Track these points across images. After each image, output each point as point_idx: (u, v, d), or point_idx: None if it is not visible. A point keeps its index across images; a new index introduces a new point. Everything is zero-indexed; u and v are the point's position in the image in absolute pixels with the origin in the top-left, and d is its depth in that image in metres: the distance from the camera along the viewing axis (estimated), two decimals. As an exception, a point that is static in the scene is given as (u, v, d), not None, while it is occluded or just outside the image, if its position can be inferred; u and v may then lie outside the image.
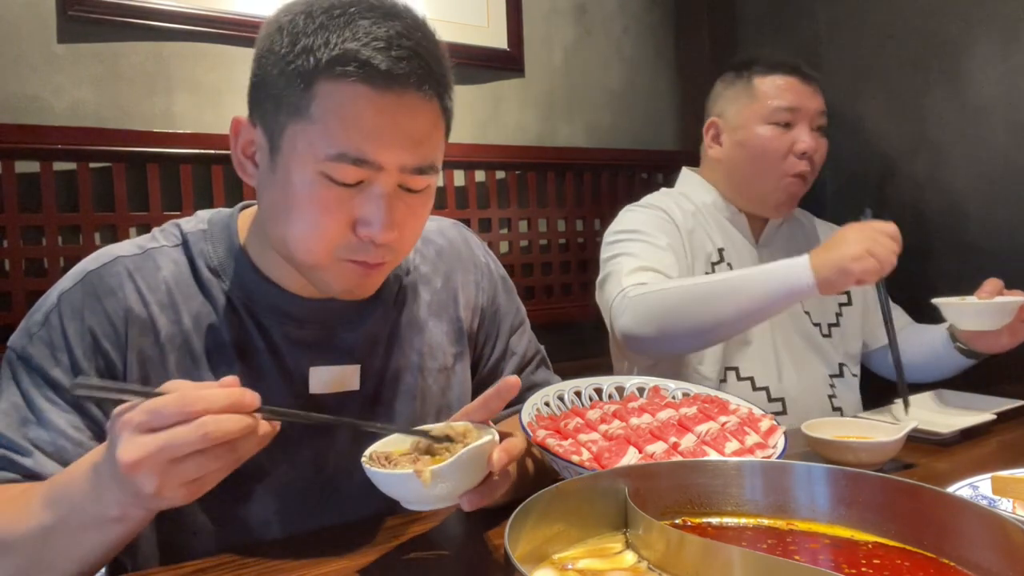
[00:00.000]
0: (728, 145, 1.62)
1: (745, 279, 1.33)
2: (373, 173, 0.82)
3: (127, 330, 0.87)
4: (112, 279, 0.89)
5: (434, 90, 0.84)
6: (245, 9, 1.86)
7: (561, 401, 1.08)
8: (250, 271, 0.93)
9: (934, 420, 1.26)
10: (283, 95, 0.82)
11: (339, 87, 0.80)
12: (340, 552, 0.86)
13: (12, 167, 1.60)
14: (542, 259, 2.34)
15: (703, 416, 1.02)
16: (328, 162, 0.80)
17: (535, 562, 0.60)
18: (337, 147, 0.80)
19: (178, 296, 0.91)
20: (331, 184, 0.81)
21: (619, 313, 1.39)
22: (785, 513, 0.68)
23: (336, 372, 0.93)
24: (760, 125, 1.57)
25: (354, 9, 0.81)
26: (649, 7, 2.61)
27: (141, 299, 0.89)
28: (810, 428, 1.11)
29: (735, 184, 1.63)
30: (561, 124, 2.43)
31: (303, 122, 0.81)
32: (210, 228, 0.96)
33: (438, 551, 0.87)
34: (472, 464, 0.75)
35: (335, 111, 0.80)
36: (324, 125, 0.80)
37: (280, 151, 0.83)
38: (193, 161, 1.78)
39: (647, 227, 1.55)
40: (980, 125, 2.04)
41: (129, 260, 0.91)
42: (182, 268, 0.93)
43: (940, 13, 2.09)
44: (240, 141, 0.89)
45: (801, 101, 1.56)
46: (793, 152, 1.55)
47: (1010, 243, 1.91)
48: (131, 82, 1.75)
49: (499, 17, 2.26)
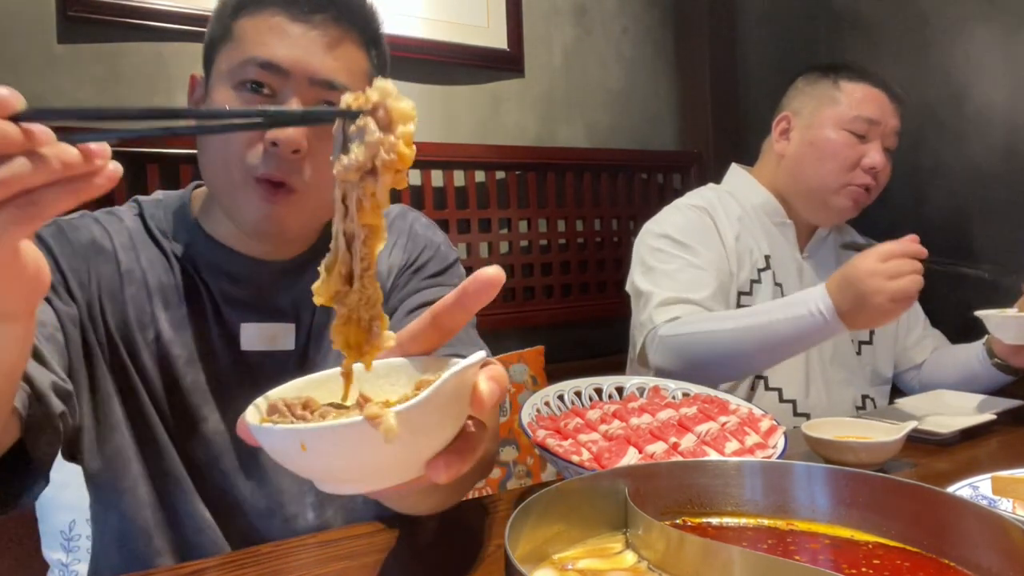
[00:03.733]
0: (797, 142, 1.58)
1: (776, 330, 1.28)
2: (282, 80, 0.88)
3: (89, 256, 0.93)
4: (79, 222, 0.97)
5: (352, 21, 0.92)
6: (245, 9, 1.86)
7: (561, 401, 1.08)
8: (197, 232, 0.99)
9: (934, 420, 1.26)
10: (215, 34, 0.92)
11: (260, 13, 0.89)
12: (340, 552, 0.86)
13: (12, 167, 1.60)
14: (542, 259, 2.34)
15: (703, 416, 1.02)
16: (240, 70, 0.88)
17: (535, 562, 0.60)
18: (248, 53, 0.88)
19: (137, 242, 0.98)
20: (245, 93, 0.89)
21: (650, 349, 1.39)
22: (785, 513, 0.68)
23: (268, 329, 0.98)
24: (836, 129, 1.53)
25: None
26: (649, 7, 2.61)
27: (107, 235, 0.96)
28: (810, 428, 1.11)
29: (796, 184, 1.59)
30: (561, 124, 2.43)
31: (228, 46, 0.90)
32: (164, 199, 1.04)
33: (438, 551, 0.87)
34: (454, 401, 0.47)
35: (253, 28, 0.89)
36: (241, 41, 0.89)
37: (210, 77, 0.93)
38: (193, 161, 1.78)
39: (690, 238, 1.51)
40: (980, 125, 2.05)
41: (95, 214, 0.99)
42: (139, 226, 1.00)
43: (939, 13, 2.09)
44: (194, 97, 0.98)
45: (883, 116, 1.53)
46: (861, 165, 1.52)
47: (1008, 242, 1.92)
48: (131, 82, 1.75)
49: (499, 17, 2.27)
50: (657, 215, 1.61)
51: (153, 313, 0.95)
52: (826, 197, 1.56)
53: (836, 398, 1.57)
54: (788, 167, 1.60)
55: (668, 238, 1.52)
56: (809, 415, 1.52)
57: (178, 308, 0.96)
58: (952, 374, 1.57)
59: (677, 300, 1.43)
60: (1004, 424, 1.30)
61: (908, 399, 1.42)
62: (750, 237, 1.57)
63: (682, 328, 1.35)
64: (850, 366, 1.60)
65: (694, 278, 1.46)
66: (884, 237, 1.27)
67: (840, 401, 1.57)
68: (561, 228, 2.38)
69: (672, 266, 1.48)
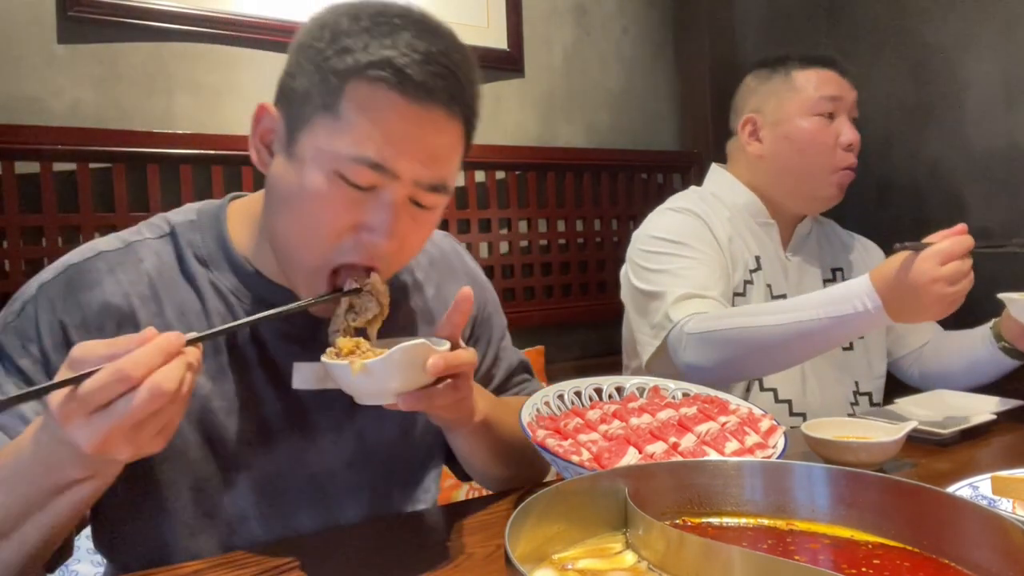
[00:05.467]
0: (770, 140, 1.58)
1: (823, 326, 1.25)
2: (388, 180, 0.82)
3: (104, 322, 0.87)
4: (92, 274, 0.89)
5: (462, 112, 0.86)
6: (245, 10, 1.86)
7: (561, 401, 1.08)
8: (239, 261, 0.94)
9: (934, 420, 1.26)
10: (314, 89, 0.82)
11: (371, 90, 0.80)
12: (339, 552, 0.86)
13: (12, 168, 1.60)
14: (542, 259, 2.34)
15: (703, 416, 1.02)
16: (347, 162, 0.81)
17: (535, 562, 0.60)
18: (359, 148, 0.80)
19: (160, 288, 0.91)
20: (344, 184, 0.82)
21: (678, 347, 1.36)
22: (785, 513, 0.68)
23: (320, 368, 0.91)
24: (804, 117, 1.54)
25: (399, 21, 0.82)
26: (649, 7, 2.61)
27: (121, 291, 0.89)
28: (810, 428, 1.11)
29: (781, 180, 1.59)
30: (561, 124, 2.43)
31: (329, 118, 0.81)
32: (199, 218, 0.96)
33: (438, 551, 0.87)
34: (404, 364, 0.77)
35: (363, 112, 0.81)
36: (350, 124, 0.81)
37: (299, 143, 0.84)
38: (193, 161, 1.78)
39: (689, 238, 1.50)
40: (980, 125, 2.05)
41: (112, 255, 0.91)
42: (166, 259, 0.93)
43: (939, 14, 2.09)
44: (260, 128, 0.89)
45: (842, 91, 1.55)
46: (839, 144, 1.53)
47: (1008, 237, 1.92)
48: (131, 82, 1.75)
49: (499, 17, 2.27)
50: (644, 223, 1.60)
51: None
52: (814, 187, 1.56)
53: (831, 395, 1.56)
54: (768, 166, 1.59)
55: (663, 240, 1.51)
56: (805, 415, 1.52)
57: (214, 358, 0.91)
58: (956, 360, 1.56)
59: (693, 295, 1.40)
60: (1004, 424, 1.30)
61: (908, 399, 1.42)
62: (740, 238, 1.57)
63: (715, 324, 1.32)
64: (843, 362, 1.60)
65: (704, 274, 1.45)
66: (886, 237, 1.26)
67: (835, 398, 1.57)
68: (561, 228, 2.38)
69: (677, 264, 1.46)
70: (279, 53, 1.91)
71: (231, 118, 1.86)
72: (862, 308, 1.22)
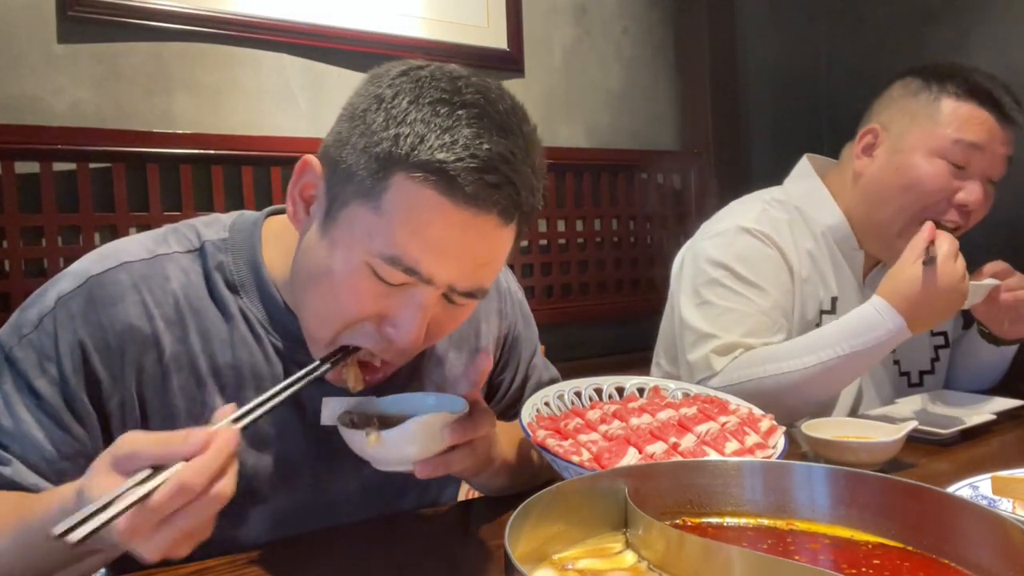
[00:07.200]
0: (881, 164, 1.37)
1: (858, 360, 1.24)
2: (420, 282, 0.77)
3: (125, 346, 0.82)
4: (114, 288, 0.83)
5: (517, 218, 0.79)
6: (245, 9, 1.86)
7: (561, 401, 1.08)
8: (271, 293, 0.89)
9: (934, 420, 1.26)
10: (358, 171, 0.76)
11: (418, 190, 0.74)
12: (340, 553, 0.86)
13: (12, 167, 1.60)
14: (542, 259, 2.34)
15: (703, 416, 1.02)
16: (379, 259, 0.75)
17: (535, 562, 0.60)
18: (394, 250, 0.75)
19: (187, 311, 0.86)
20: (373, 278, 0.77)
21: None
22: (785, 513, 0.68)
23: (350, 404, 0.88)
24: (928, 157, 1.31)
25: (463, 112, 0.75)
26: (649, 7, 2.61)
27: (145, 313, 0.84)
28: (810, 428, 1.11)
29: (869, 210, 1.39)
30: (561, 124, 2.43)
31: (369, 208, 0.75)
32: (231, 237, 0.90)
33: (438, 551, 0.87)
34: (420, 434, 0.78)
35: (405, 212, 0.74)
36: (389, 222, 0.75)
37: (336, 223, 0.78)
38: (193, 161, 1.78)
39: (756, 274, 1.35)
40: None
41: (136, 266, 0.85)
42: (194, 279, 0.87)
43: (938, 14, 2.09)
44: (301, 181, 0.83)
45: (989, 142, 1.31)
46: (954, 202, 1.32)
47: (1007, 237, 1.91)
48: (131, 82, 1.75)
49: (499, 17, 2.26)
50: (714, 232, 1.42)
51: (203, 400, 0.86)
52: (894, 238, 1.35)
53: None
54: (864, 190, 1.39)
55: (730, 271, 1.36)
56: None
57: (236, 392, 0.86)
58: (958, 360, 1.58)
59: (739, 346, 1.31)
60: (1004, 424, 1.30)
61: (908, 399, 1.42)
62: (818, 276, 1.41)
63: (743, 374, 1.27)
64: None
65: (760, 324, 1.33)
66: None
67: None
68: (561, 228, 2.38)
69: (734, 304, 1.34)
70: (279, 53, 1.93)
71: (231, 118, 1.86)
72: (894, 330, 1.21)
